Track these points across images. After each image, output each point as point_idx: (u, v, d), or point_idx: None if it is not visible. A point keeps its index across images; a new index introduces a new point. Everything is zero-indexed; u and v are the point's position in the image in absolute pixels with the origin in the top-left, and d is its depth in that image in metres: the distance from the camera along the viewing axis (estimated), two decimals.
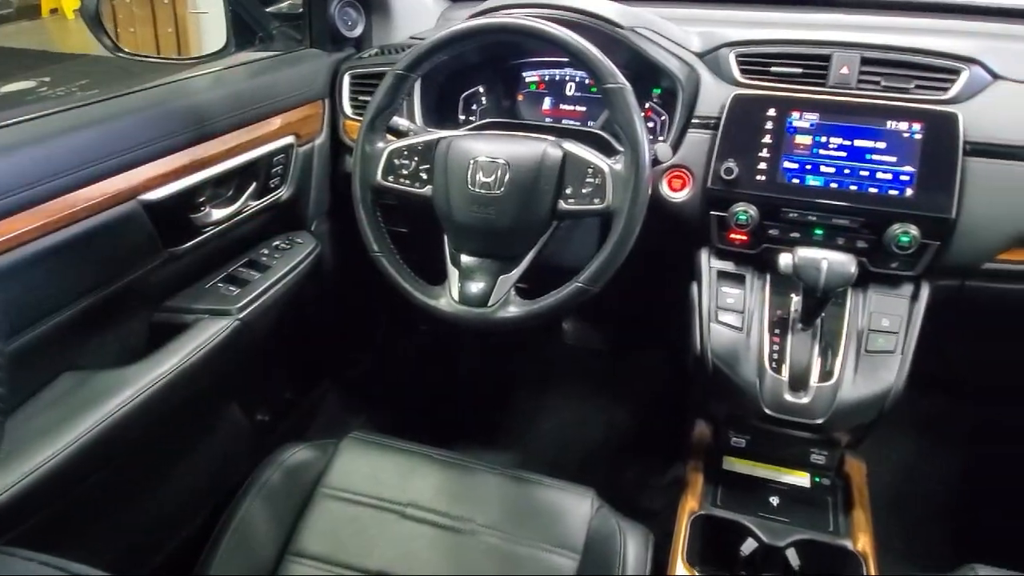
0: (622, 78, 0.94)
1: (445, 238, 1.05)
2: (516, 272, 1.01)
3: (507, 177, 0.97)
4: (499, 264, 1.01)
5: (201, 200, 1.12)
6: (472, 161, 0.99)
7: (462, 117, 1.39)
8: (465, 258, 1.03)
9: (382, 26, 1.52)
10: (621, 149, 0.95)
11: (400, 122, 1.17)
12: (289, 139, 1.27)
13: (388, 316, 1.83)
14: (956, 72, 1.04)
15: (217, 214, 1.15)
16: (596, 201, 0.95)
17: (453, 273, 1.04)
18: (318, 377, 1.72)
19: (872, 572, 0.98)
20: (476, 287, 1.01)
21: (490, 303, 1.00)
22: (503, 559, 0.96)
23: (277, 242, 1.31)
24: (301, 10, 1.41)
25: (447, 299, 1.02)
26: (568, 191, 0.97)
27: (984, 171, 1.00)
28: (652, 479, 1.54)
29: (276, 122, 1.25)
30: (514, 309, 0.99)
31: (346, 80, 1.37)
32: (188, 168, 1.07)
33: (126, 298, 1.03)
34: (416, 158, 1.04)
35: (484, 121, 1.29)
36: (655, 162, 1.09)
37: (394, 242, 1.07)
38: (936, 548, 0.99)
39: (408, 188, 1.04)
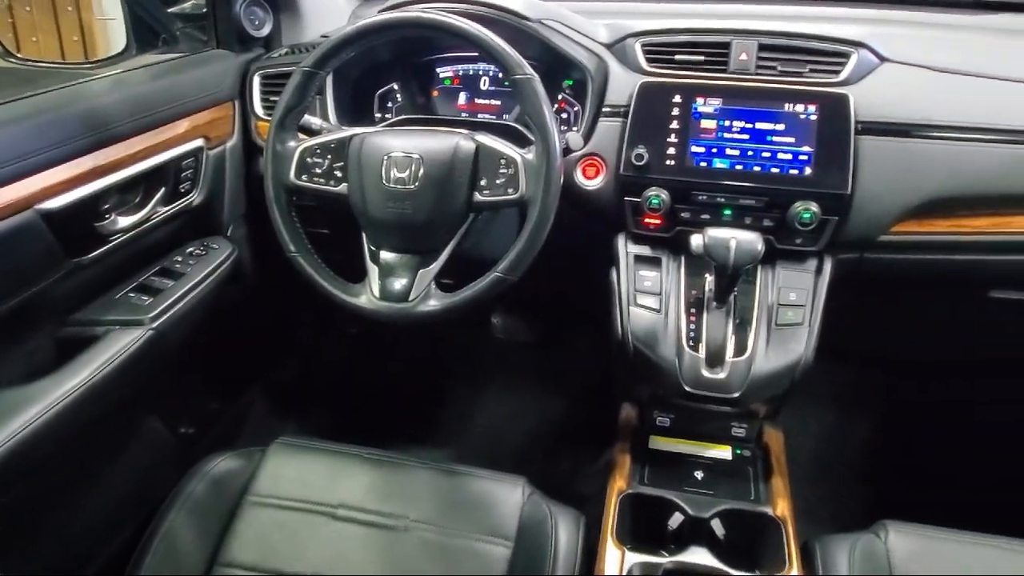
0: (529, 69, 0.96)
1: (363, 235, 1.05)
2: (435, 266, 1.01)
3: (421, 171, 0.97)
4: (418, 259, 1.01)
5: (106, 207, 1.08)
6: (386, 157, 0.98)
7: (378, 115, 1.38)
8: (384, 254, 1.03)
9: (292, 25, 1.50)
10: (534, 139, 0.96)
11: (313, 121, 1.15)
12: (198, 142, 1.23)
13: (314, 319, 1.80)
14: (846, 56, 1.09)
15: (124, 221, 1.11)
16: (510, 191, 0.97)
17: (373, 270, 1.03)
18: (245, 384, 1.68)
19: (791, 534, 1.03)
20: (396, 283, 1.01)
21: (411, 298, 1.00)
22: (437, 553, 0.96)
23: (191, 248, 1.28)
24: (205, 10, 1.38)
25: (367, 296, 1.02)
26: (483, 183, 0.98)
27: (875, 148, 1.05)
28: (586, 465, 1.56)
29: (183, 125, 1.21)
30: (434, 302, 0.99)
31: (256, 80, 1.35)
32: (89, 174, 1.03)
33: (28, 312, 0.99)
34: (329, 156, 1.03)
35: (399, 118, 1.29)
36: (567, 151, 1.11)
37: (316, 244, 1.06)
38: (852, 509, 1.04)
39: (323, 187, 1.03)
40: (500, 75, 1.34)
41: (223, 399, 1.59)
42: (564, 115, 1.30)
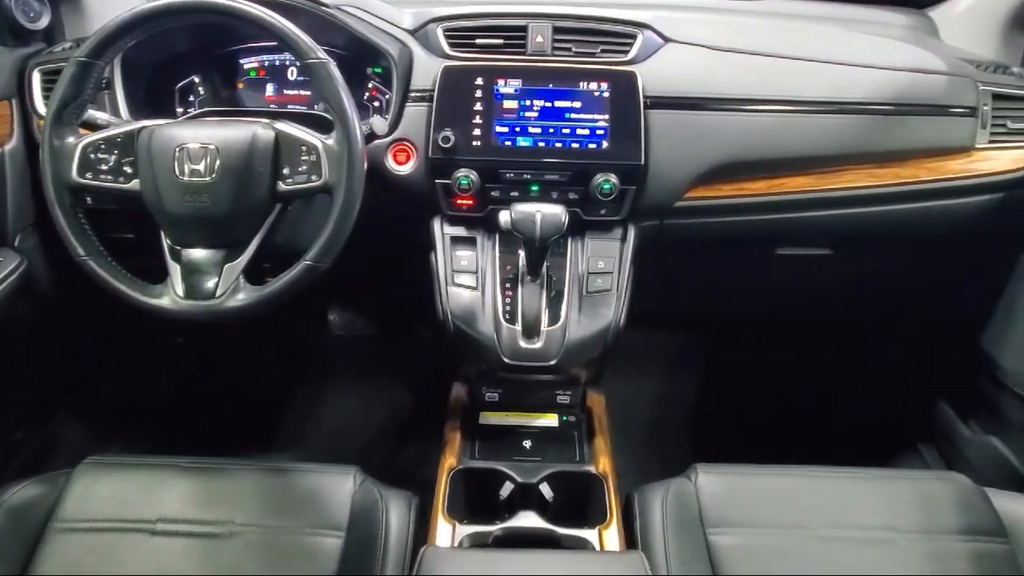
0: (322, 53, 0.94)
1: (162, 233, 0.99)
2: (243, 259, 0.98)
3: (218, 163, 0.93)
4: (224, 253, 0.97)
5: None
6: (178, 149, 0.94)
7: (180, 110, 1.31)
8: (188, 251, 0.98)
9: (76, 18, 1.39)
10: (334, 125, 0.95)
11: (99, 116, 1.08)
12: None
13: (132, 330, 1.69)
14: (633, 37, 1.16)
15: None
16: (314, 178, 0.95)
17: (175, 268, 0.98)
18: (53, 408, 1.54)
19: (611, 488, 1.09)
20: (201, 279, 0.96)
21: (218, 294, 0.96)
22: (265, 554, 0.94)
23: None
24: None
25: (171, 296, 0.97)
26: (285, 171, 0.96)
27: (663, 121, 1.13)
28: (430, 448, 1.57)
29: None
30: (243, 296, 0.96)
31: (36, 77, 1.24)
32: None
33: None
34: (116, 151, 0.97)
35: (200, 111, 1.23)
36: (372, 136, 1.11)
37: (123, 250, 1.00)
38: (678, 461, 1.11)
39: (112, 184, 0.97)
40: None
41: (27, 426, 1.46)
42: (376, 103, 1.30)
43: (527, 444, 1.17)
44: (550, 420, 1.23)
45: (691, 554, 0.93)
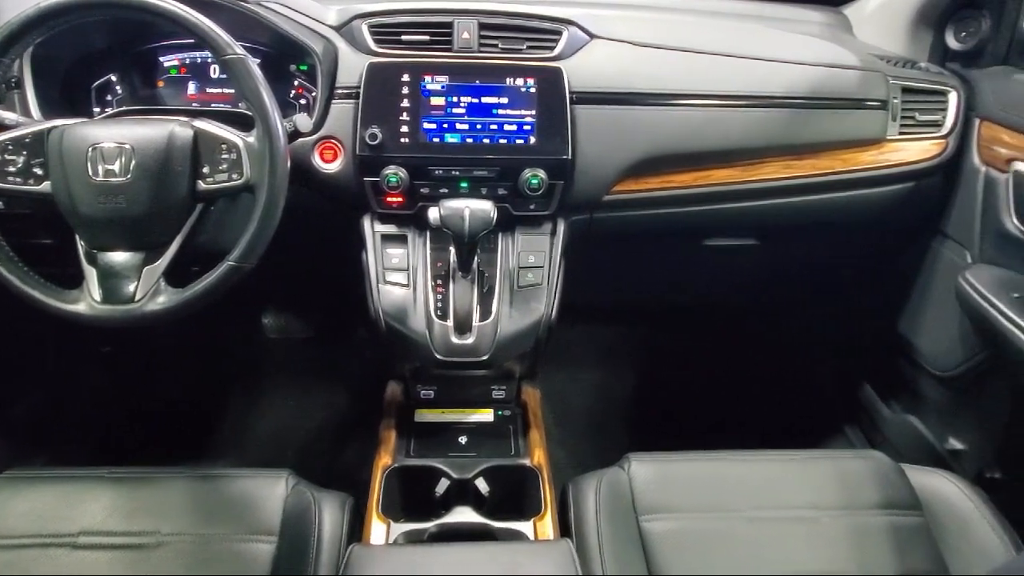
0: (240, 48, 0.93)
1: (77, 237, 0.96)
2: (163, 261, 0.95)
3: (134, 162, 0.91)
4: (143, 255, 0.94)
5: None
6: (91, 149, 0.91)
7: (96, 109, 1.27)
8: (105, 254, 0.95)
9: None
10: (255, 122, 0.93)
11: (7, 116, 1.03)
12: None
13: (55, 339, 1.62)
14: (558, 33, 1.18)
15: None
16: (235, 176, 0.93)
17: (91, 272, 0.95)
18: None
19: (546, 480, 1.10)
20: (119, 283, 0.93)
21: (137, 298, 0.93)
22: (194, 563, 0.91)
23: None
24: None
25: (87, 302, 0.94)
26: (205, 170, 0.94)
27: (589, 116, 1.15)
28: (369, 450, 1.56)
29: None
30: (164, 300, 0.94)
31: None
32: None
33: None
34: (25, 152, 0.93)
35: (115, 111, 1.19)
36: (296, 134, 1.10)
37: (41, 256, 0.96)
38: (613, 450, 1.13)
39: (20, 187, 0.93)
40: None
41: None
42: (303, 101, 1.28)
43: (463, 440, 1.17)
44: (485, 415, 1.23)
45: (624, 541, 0.94)
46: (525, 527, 1.02)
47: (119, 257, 0.94)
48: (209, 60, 1.30)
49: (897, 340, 1.47)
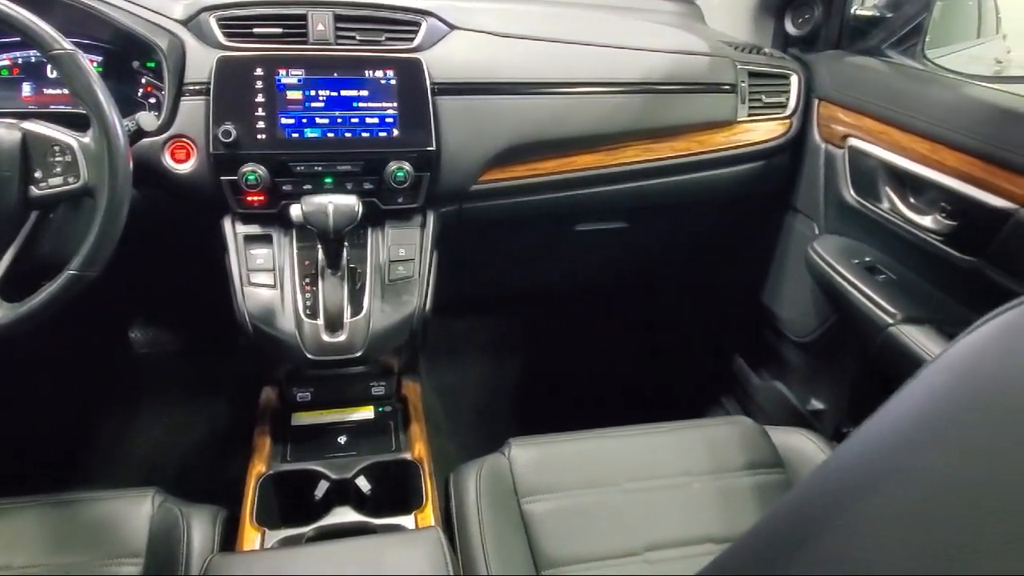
0: (68, 43, 0.86)
1: None
2: None
3: None
4: None
5: None
6: None
7: None
8: None
9: None
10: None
11: None
12: None
13: None
14: (417, 24, 1.17)
15: None
16: (71, 180, 0.87)
17: None
18: None
19: (427, 472, 1.10)
20: None
21: None
22: None
23: None
24: None
25: None
26: (38, 175, 0.87)
27: (452, 107, 1.15)
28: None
29: None
30: None
31: None
32: None
33: None
34: None
35: None
36: (141, 133, 1.04)
37: None
38: (502, 438, 1.13)
39: None
40: None
41: None
42: (152, 99, 1.20)
43: (342, 440, 1.15)
44: (366, 413, 1.21)
45: (506, 525, 0.95)
46: (407, 521, 1.01)
47: None
48: (44, 59, 1.21)
49: (761, 311, 1.55)
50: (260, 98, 1.07)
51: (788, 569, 0.38)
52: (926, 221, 1.07)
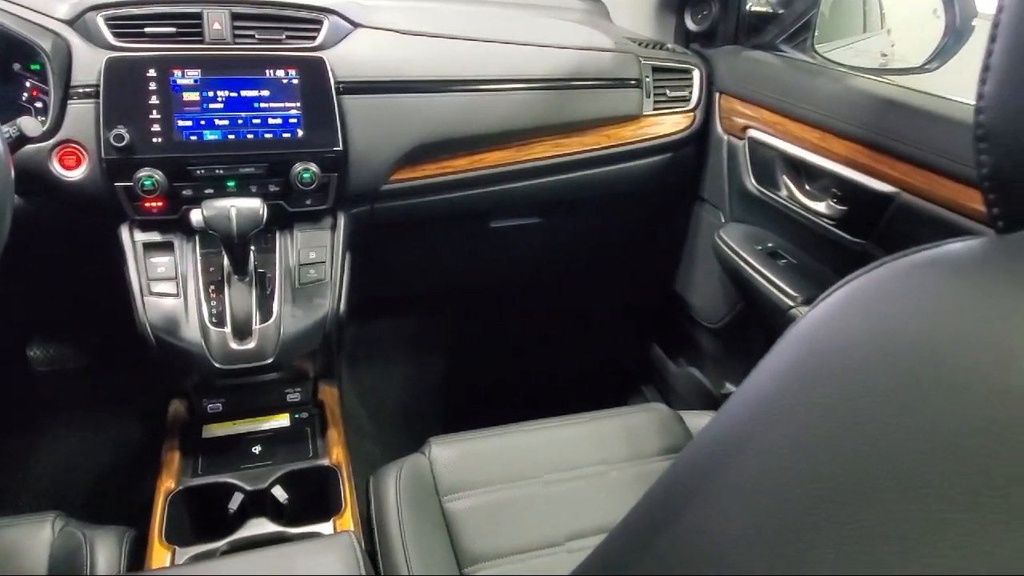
0: None
1: None
2: None
3: None
4: None
5: None
6: None
7: None
8: None
9: None
10: None
11: None
12: None
13: None
14: (319, 22, 1.15)
15: None
16: None
17: None
18: None
19: (345, 477, 1.08)
20: None
21: None
22: None
23: None
24: None
25: None
26: None
27: (358, 106, 1.13)
28: None
29: None
30: None
31: None
32: None
33: None
34: None
35: None
36: (23, 139, 0.98)
37: None
38: (423, 439, 1.13)
39: None
40: None
41: None
42: (39, 103, 1.14)
43: (256, 450, 1.12)
44: (281, 420, 1.18)
45: (427, 525, 0.95)
46: (326, 528, 1.00)
47: None
48: None
49: (675, 299, 1.60)
50: (154, 100, 1.03)
51: (656, 545, 0.39)
52: (820, 207, 1.12)
